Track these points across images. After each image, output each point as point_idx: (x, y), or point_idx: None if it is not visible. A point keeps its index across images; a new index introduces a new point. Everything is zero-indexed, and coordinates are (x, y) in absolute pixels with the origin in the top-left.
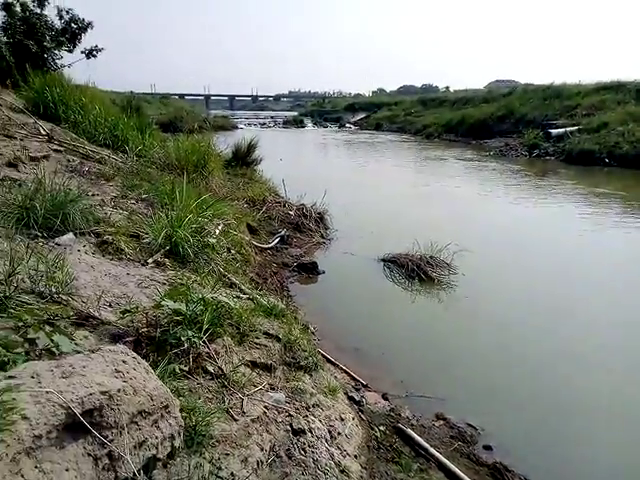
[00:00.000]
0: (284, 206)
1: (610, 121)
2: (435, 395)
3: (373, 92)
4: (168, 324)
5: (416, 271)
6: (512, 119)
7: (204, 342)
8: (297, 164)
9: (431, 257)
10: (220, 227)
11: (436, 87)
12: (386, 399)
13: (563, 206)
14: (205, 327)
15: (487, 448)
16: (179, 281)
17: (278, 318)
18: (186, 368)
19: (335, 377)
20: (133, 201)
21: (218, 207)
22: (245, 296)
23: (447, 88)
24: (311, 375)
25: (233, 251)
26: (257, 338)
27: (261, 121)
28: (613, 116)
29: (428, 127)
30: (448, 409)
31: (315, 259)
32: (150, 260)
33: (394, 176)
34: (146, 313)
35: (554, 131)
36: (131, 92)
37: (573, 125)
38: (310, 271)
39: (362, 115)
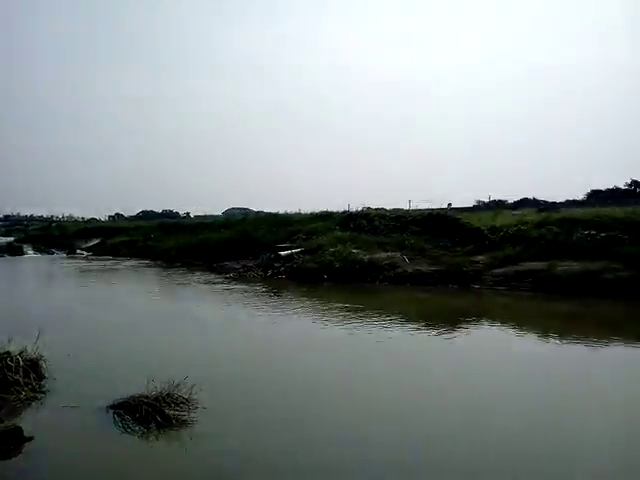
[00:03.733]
0: None
1: (324, 244)
2: None
3: (110, 217)
4: None
5: (151, 413)
6: (248, 242)
7: None
8: (8, 302)
9: (168, 395)
10: None
11: (176, 213)
12: None
13: (299, 320)
14: None
15: None
16: None
17: None
18: None
19: None
20: None
21: None
22: None
23: (188, 214)
24: None
25: None
26: None
27: None
28: (326, 240)
29: (170, 251)
30: None
31: (20, 423)
32: None
33: (133, 306)
34: None
35: (283, 253)
36: None
37: (297, 247)
38: (11, 441)
39: (97, 241)
